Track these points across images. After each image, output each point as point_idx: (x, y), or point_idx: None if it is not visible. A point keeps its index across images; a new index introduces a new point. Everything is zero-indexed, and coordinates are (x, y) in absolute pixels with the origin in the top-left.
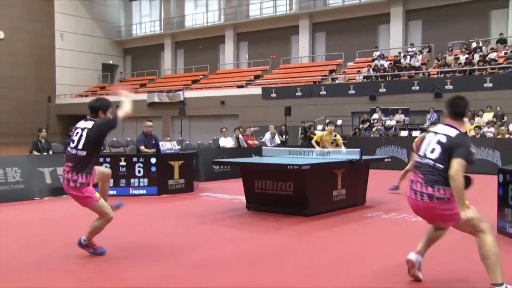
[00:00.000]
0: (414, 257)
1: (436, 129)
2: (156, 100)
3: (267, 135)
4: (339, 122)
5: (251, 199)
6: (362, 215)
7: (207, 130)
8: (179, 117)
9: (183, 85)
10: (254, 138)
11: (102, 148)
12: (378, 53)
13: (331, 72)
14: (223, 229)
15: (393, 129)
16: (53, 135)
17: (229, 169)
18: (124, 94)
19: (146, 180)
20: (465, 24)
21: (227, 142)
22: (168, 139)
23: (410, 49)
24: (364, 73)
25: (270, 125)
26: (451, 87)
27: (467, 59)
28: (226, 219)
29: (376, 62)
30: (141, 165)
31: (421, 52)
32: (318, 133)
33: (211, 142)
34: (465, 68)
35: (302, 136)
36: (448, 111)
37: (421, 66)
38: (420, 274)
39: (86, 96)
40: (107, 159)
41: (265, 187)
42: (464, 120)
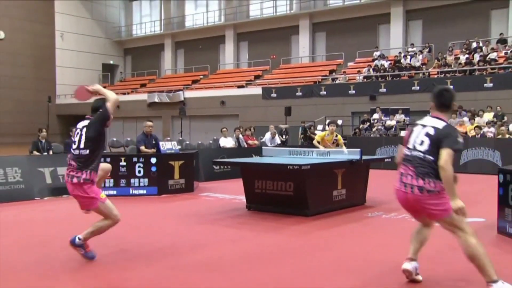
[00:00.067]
0: (409, 266)
1: (423, 122)
2: (156, 100)
3: (267, 135)
4: (339, 122)
5: (251, 199)
6: (362, 215)
7: (207, 130)
8: (179, 117)
9: (183, 85)
10: (254, 138)
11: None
12: (378, 53)
13: (331, 72)
14: (223, 229)
15: (393, 129)
16: (53, 135)
17: (229, 169)
18: (91, 89)
19: (146, 180)
20: (465, 24)
21: (227, 142)
22: (168, 139)
23: (410, 49)
24: (364, 73)
25: (270, 125)
26: (452, 87)
27: (467, 59)
28: (226, 219)
29: (376, 62)
30: (141, 165)
31: (421, 52)
32: (319, 133)
33: (211, 142)
34: (465, 68)
35: (302, 136)
36: (434, 103)
37: (421, 66)
38: (418, 276)
39: None
40: (107, 159)
41: (265, 187)
42: (450, 111)
